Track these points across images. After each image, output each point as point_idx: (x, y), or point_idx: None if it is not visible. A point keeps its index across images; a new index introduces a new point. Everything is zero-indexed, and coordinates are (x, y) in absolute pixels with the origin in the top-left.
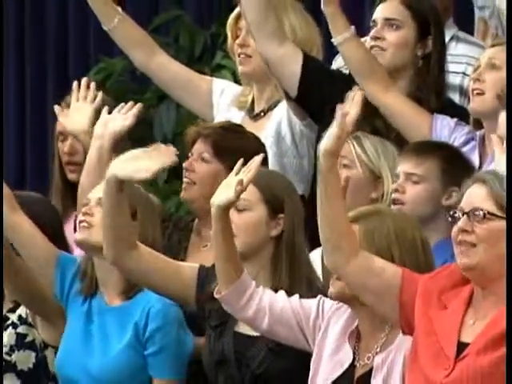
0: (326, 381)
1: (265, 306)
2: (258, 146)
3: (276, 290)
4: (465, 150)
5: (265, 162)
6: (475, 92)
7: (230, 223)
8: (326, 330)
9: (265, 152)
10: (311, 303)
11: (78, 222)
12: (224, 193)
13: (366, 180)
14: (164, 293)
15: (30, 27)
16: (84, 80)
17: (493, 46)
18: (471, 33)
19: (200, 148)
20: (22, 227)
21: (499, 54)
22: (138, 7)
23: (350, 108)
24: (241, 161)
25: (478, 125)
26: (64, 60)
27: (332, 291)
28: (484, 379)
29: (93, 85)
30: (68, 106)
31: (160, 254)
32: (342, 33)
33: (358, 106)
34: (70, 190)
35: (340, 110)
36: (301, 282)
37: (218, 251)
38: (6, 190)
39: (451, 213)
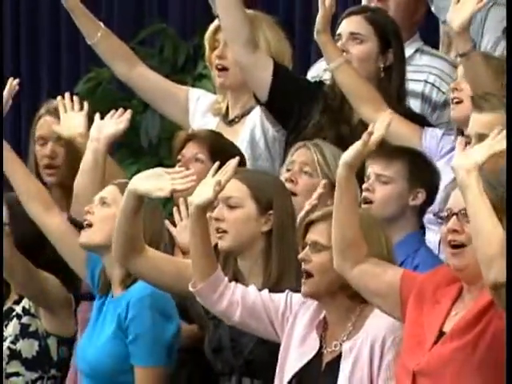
0: (295, 367)
1: (237, 299)
2: (239, 152)
3: (266, 285)
4: (451, 155)
5: (242, 163)
6: (454, 101)
7: (207, 221)
8: (294, 322)
9: (244, 156)
10: (280, 297)
11: (83, 221)
12: (202, 193)
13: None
14: (173, 291)
15: (26, 39)
16: (67, 94)
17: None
18: (435, 46)
19: (194, 149)
20: (53, 227)
21: None
22: (125, 20)
23: (376, 128)
24: (217, 163)
25: (461, 134)
26: (57, 69)
27: (304, 290)
28: (445, 366)
29: (76, 98)
30: (51, 111)
31: (166, 255)
32: (334, 59)
33: (384, 127)
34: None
35: (369, 129)
36: (290, 277)
37: (195, 248)
38: (40, 188)
39: (438, 213)
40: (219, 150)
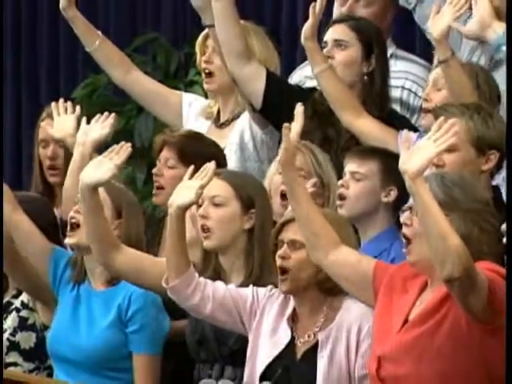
0: (268, 358)
1: (208, 295)
2: (216, 151)
3: (248, 280)
4: None
5: (222, 164)
6: (425, 110)
7: (184, 222)
8: (262, 315)
9: (223, 155)
10: (247, 291)
11: (68, 219)
12: (184, 195)
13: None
14: (148, 287)
15: (26, 46)
16: (60, 101)
17: (436, 66)
18: (407, 49)
19: (166, 155)
20: (21, 225)
21: (441, 75)
22: (120, 30)
23: (294, 122)
24: (192, 167)
25: None
26: (56, 76)
27: (282, 288)
28: (406, 351)
29: (69, 103)
30: (49, 115)
31: (143, 253)
32: (319, 65)
33: (300, 119)
34: (48, 191)
35: (284, 125)
36: (271, 272)
37: (172, 247)
38: (6, 190)
39: (403, 210)
40: (189, 154)
